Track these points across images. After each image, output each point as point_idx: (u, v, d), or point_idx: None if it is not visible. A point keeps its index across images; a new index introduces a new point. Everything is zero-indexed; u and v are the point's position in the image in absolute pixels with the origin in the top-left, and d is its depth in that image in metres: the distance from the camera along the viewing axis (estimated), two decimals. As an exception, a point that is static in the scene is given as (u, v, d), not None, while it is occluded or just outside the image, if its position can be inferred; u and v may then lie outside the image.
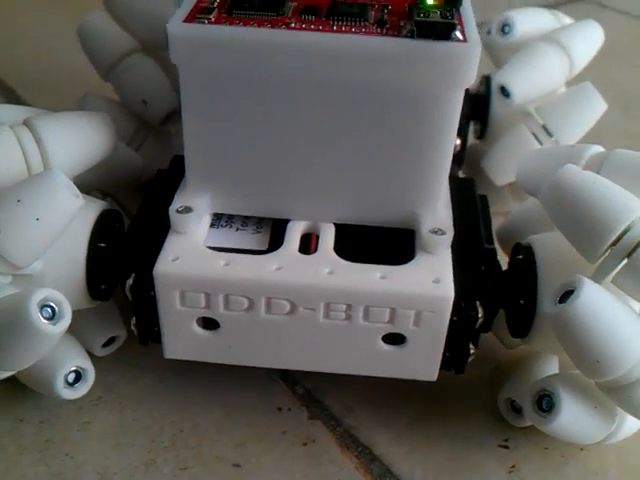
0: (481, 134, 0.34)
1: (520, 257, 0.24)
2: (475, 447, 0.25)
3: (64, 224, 0.22)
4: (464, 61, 0.20)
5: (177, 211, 0.23)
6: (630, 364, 0.20)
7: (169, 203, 0.23)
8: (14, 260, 0.21)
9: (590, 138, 0.30)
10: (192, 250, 0.22)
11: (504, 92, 0.30)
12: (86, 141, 0.24)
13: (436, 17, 0.20)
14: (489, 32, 0.32)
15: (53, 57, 0.34)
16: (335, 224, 0.24)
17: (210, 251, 0.23)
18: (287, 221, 0.24)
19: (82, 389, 0.25)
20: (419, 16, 0.20)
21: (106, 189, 0.28)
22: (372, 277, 0.22)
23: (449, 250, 0.23)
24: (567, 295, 0.20)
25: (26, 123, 0.23)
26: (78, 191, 0.22)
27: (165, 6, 0.31)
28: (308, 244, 0.23)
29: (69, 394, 0.24)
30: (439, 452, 0.25)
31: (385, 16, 0.21)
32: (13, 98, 0.44)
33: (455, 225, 0.23)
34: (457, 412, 0.26)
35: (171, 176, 0.25)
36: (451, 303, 0.21)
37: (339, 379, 0.25)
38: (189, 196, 0.23)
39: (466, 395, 0.27)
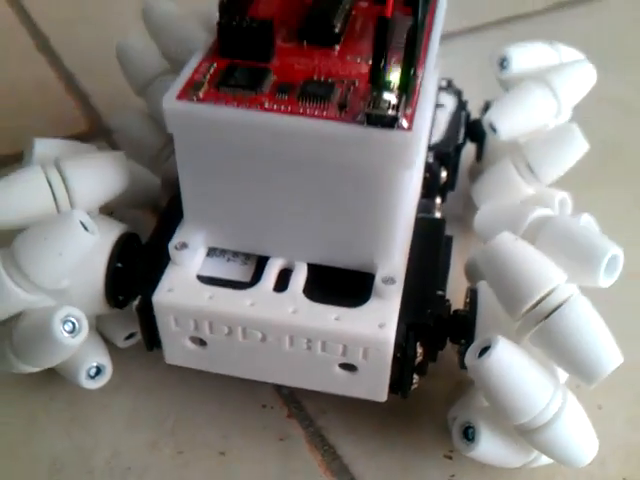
0: (478, 157, 0.37)
1: (467, 300, 0.27)
2: (422, 456, 0.29)
3: (82, 255, 0.27)
4: (406, 148, 0.23)
5: (175, 247, 0.27)
6: (531, 415, 0.23)
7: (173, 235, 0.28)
8: (42, 284, 0.26)
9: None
10: (185, 282, 0.27)
11: (492, 128, 0.33)
12: (105, 179, 0.29)
13: (383, 110, 0.23)
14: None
15: (115, 44, 0.38)
16: (308, 264, 0.28)
17: (199, 284, 0.27)
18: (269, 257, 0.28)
19: (101, 381, 0.30)
20: (369, 107, 0.23)
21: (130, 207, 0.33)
22: (328, 318, 0.26)
23: (399, 296, 0.26)
24: (485, 350, 0.24)
25: (55, 164, 0.28)
26: (95, 227, 0.27)
27: (195, 31, 0.34)
28: (286, 280, 0.27)
29: (90, 384, 0.30)
30: (392, 458, 0.29)
31: (348, 97, 0.24)
32: (72, 83, 0.49)
33: (414, 268, 0.27)
34: (415, 423, 0.30)
35: (180, 204, 0.30)
36: (392, 345, 0.25)
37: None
38: (186, 233, 0.28)
39: (425, 408, 0.30)
